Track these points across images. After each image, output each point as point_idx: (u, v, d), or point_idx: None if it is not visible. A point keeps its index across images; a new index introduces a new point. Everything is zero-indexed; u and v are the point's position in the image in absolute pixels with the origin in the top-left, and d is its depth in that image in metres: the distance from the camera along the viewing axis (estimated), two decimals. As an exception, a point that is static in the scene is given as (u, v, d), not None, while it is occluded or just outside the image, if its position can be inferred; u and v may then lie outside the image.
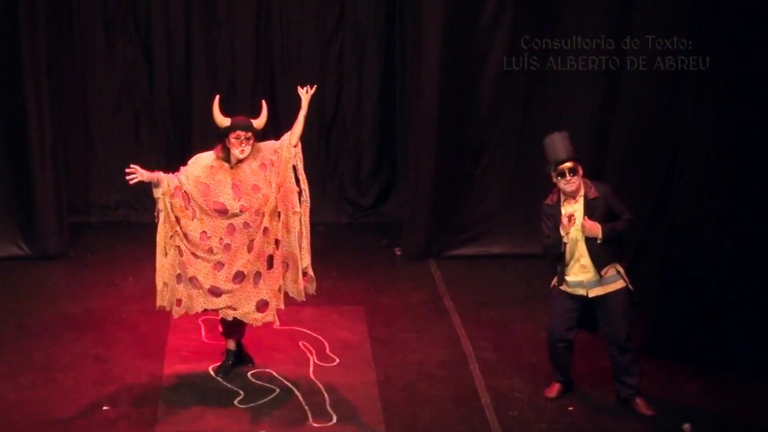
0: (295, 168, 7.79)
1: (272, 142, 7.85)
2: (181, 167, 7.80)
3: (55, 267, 10.17)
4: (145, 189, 10.98)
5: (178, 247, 7.67)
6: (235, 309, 7.75)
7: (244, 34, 11.11)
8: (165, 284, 7.77)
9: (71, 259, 10.33)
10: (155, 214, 7.74)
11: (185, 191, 7.64)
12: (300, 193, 7.82)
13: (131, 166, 7.63)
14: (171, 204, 7.65)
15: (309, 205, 7.86)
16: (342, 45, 11.26)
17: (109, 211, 11.36)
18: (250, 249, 7.70)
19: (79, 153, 11.18)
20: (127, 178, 7.63)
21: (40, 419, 7.48)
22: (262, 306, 7.78)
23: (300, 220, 7.82)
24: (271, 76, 11.25)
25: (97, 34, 11.04)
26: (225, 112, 7.74)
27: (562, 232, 7.47)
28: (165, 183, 7.64)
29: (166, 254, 7.73)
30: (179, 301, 7.80)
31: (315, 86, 7.85)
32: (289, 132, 7.81)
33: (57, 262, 10.24)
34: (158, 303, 7.85)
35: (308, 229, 7.88)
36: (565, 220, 7.43)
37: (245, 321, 7.84)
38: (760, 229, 8.28)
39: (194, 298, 7.73)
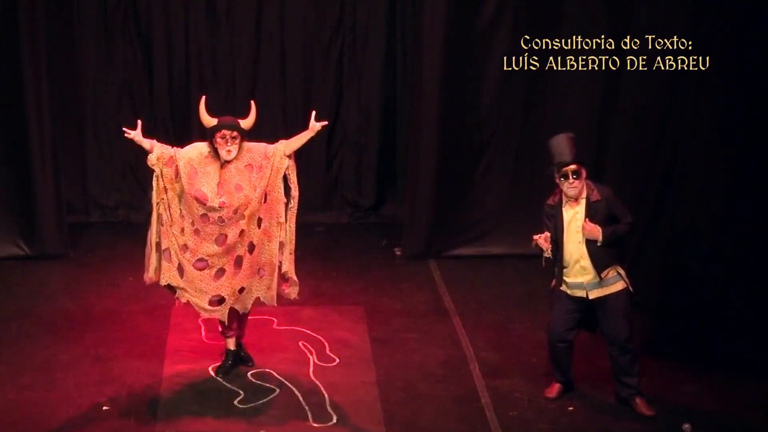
0: (287, 177, 7.77)
1: (263, 144, 7.80)
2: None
3: (55, 267, 10.16)
4: (145, 189, 11.14)
5: (161, 215, 7.68)
6: (190, 294, 7.77)
7: (244, 34, 11.11)
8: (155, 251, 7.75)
9: (71, 259, 10.32)
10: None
11: (176, 166, 7.65)
12: (287, 203, 7.79)
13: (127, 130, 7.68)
14: (162, 172, 7.64)
15: (295, 213, 7.82)
16: (342, 45, 11.26)
17: (109, 211, 11.37)
18: (218, 242, 7.70)
19: (79, 153, 11.19)
20: (125, 134, 7.65)
21: (40, 419, 7.47)
22: (214, 302, 7.80)
23: (285, 228, 7.80)
24: (272, 77, 11.25)
25: (97, 34, 11.04)
26: (222, 112, 7.74)
27: (543, 248, 7.47)
28: (159, 150, 7.64)
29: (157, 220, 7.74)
30: (151, 268, 7.78)
31: (327, 122, 7.84)
32: (285, 141, 7.78)
33: (57, 262, 10.24)
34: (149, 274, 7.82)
35: (293, 235, 7.86)
36: (541, 240, 7.44)
37: (194, 307, 7.86)
38: (760, 229, 8.28)
39: (164, 270, 7.74)
